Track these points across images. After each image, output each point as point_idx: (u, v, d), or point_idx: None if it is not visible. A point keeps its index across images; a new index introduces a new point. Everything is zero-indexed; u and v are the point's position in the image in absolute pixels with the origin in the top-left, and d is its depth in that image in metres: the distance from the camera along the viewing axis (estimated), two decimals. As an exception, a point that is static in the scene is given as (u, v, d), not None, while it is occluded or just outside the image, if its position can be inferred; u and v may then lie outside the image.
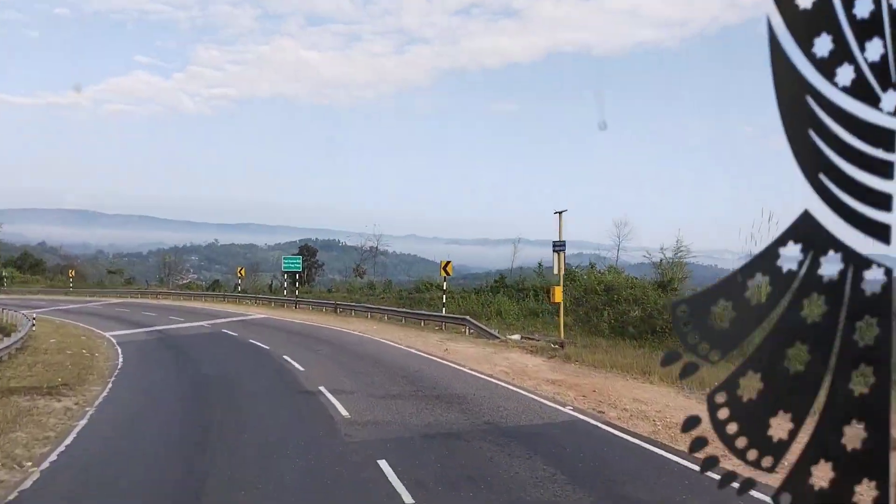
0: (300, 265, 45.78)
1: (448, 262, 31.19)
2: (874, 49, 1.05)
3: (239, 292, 50.10)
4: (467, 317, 27.63)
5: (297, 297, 43.37)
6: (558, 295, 22.41)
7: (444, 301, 31.59)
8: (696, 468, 1.81)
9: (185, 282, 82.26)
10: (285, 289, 45.94)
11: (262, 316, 37.45)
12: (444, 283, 32.83)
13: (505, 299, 33.63)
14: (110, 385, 15.95)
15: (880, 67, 1.05)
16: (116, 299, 54.10)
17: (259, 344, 23.54)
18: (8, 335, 23.32)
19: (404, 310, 33.77)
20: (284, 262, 46.10)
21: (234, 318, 34.77)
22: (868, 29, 1.05)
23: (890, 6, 1.05)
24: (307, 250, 62.43)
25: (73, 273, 65.57)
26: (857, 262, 1.08)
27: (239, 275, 54.05)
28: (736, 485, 1.14)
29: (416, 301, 37.38)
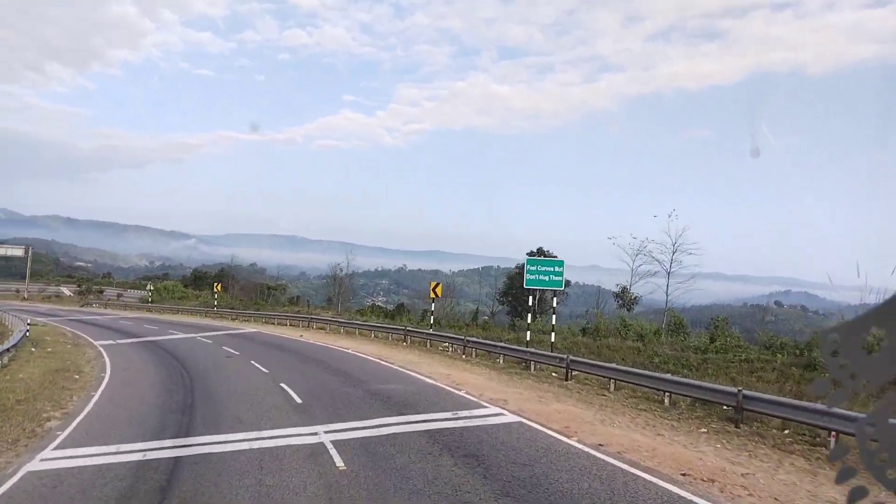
0: (561, 279, 24.41)
1: None
2: None
3: (432, 327, 32.65)
4: None
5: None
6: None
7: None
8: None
9: (369, 303, 71.00)
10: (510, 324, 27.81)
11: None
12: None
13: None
14: None
15: None
16: (252, 326, 40.99)
17: None
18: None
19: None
20: (530, 270, 23.67)
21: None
22: None
23: None
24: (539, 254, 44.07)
25: (220, 287, 54.92)
26: None
27: (433, 295, 33.30)
28: None
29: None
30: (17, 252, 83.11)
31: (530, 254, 36.67)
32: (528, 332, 24.65)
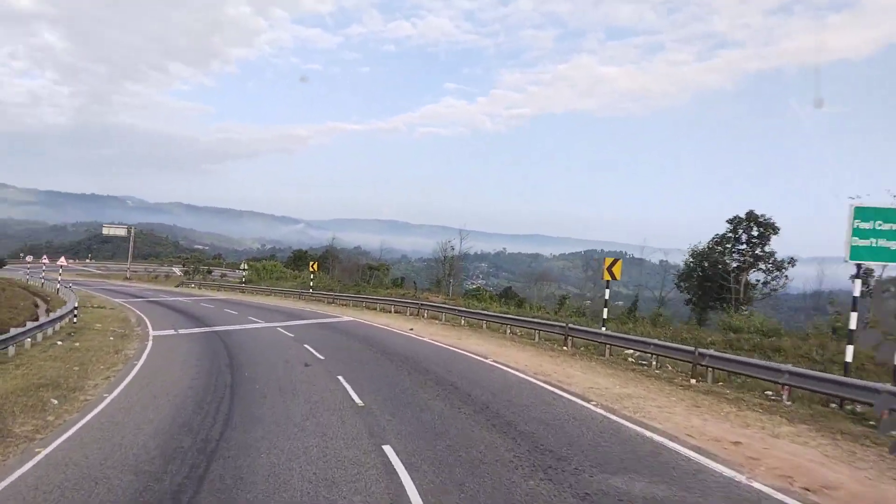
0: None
1: None
2: None
3: (605, 325, 22.85)
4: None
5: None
6: None
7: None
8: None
9: (472, 286, 63.19)
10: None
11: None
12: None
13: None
14: None
15: None
16: (349, 313, 32.36)
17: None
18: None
19: None
20: (862, 231, 12.10)
21: None
22: None
23: None
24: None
25: (316, 266, 47.35)
26: None
27: (607, 276, 20.68)
28: None
29: None
30: (121, 232, 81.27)
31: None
32: (851, 348, 12.73)
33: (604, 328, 20.04)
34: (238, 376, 14.25)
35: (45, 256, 52.19)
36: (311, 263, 46.99)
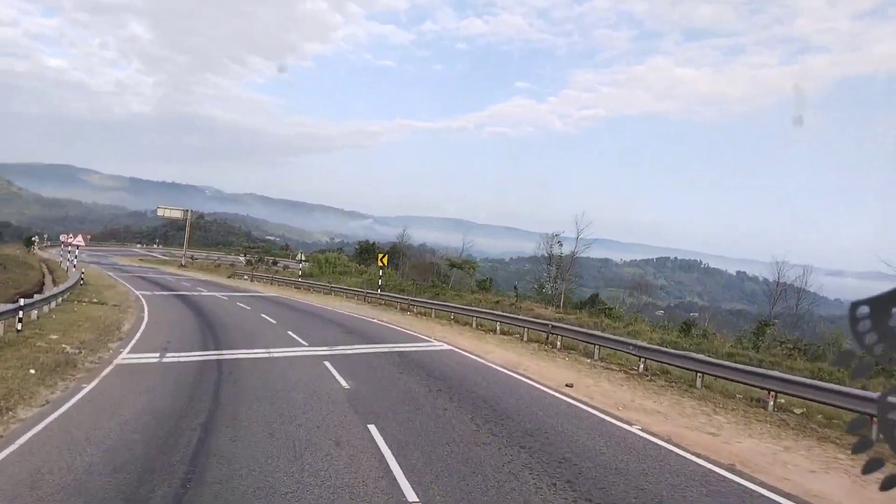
0: None
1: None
2: None
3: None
4: None
5: None
6: None
7: None
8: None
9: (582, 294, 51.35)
10: None
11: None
12: None
13: None
14: None
15: None
16: (442, 330, 20.66)
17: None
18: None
19: None
20: None
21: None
22: None
23: None
24: None
25: (385, 260, 36.82)
26: None
27: None
28: None
29: None
30: (176, 214, 74.11)
31: None
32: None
33: None
34: None
35: (66, 235, 44.00)
36: (379, 256, 36.43)
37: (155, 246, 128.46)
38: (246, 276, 55.39)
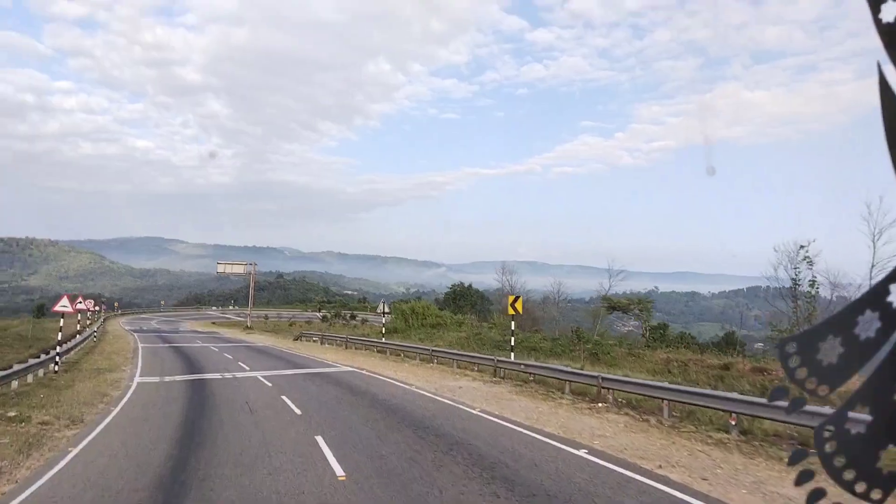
0: None
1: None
2: None
3: None
4: None
5: None
6: None
7: None
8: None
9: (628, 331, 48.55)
10: None
11: None
12: None
13: None
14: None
15: None
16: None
17: None
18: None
19: None
20: None
21: None
22: None
23: None
24: None
25: (520, 304, 26.85)
26: None
27: None
28: None
29: None
30: (238, 269, 63.78)
31: None
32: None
33: None
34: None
35: (80, 298, 32.81)
36: (511, 300, 21.39)
37: (230, 308, 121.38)
38: (315, 339, 42.70)
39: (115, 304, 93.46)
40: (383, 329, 35.20)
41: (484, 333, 33.47)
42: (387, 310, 34.28)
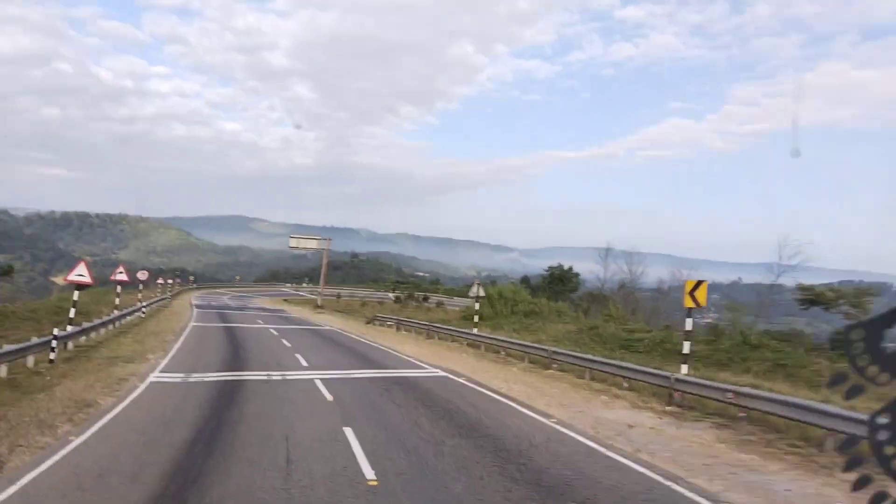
0: None
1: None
2: None
3: None
4: None
5: None
6: None
7: None
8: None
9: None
10: None
11: None
12: None
13: None
14: None
15: None
16: None
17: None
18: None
19: None
20: None
21: None
22: None
23: None
24: None
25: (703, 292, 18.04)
26: None
27: None
28: None
29: None
30: (311, 244, 59.42)
31: None
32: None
33: None
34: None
35: (122, 268, 28.02)
36: (689, 286, 14.19)
37: (304, 285, 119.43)
38: (390, 323, 36.77)
39: (191, 278, 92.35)
40: (476, 318, 28.46)
41: (602, 328, 26.19)
42: (481, 293, 27.48)
